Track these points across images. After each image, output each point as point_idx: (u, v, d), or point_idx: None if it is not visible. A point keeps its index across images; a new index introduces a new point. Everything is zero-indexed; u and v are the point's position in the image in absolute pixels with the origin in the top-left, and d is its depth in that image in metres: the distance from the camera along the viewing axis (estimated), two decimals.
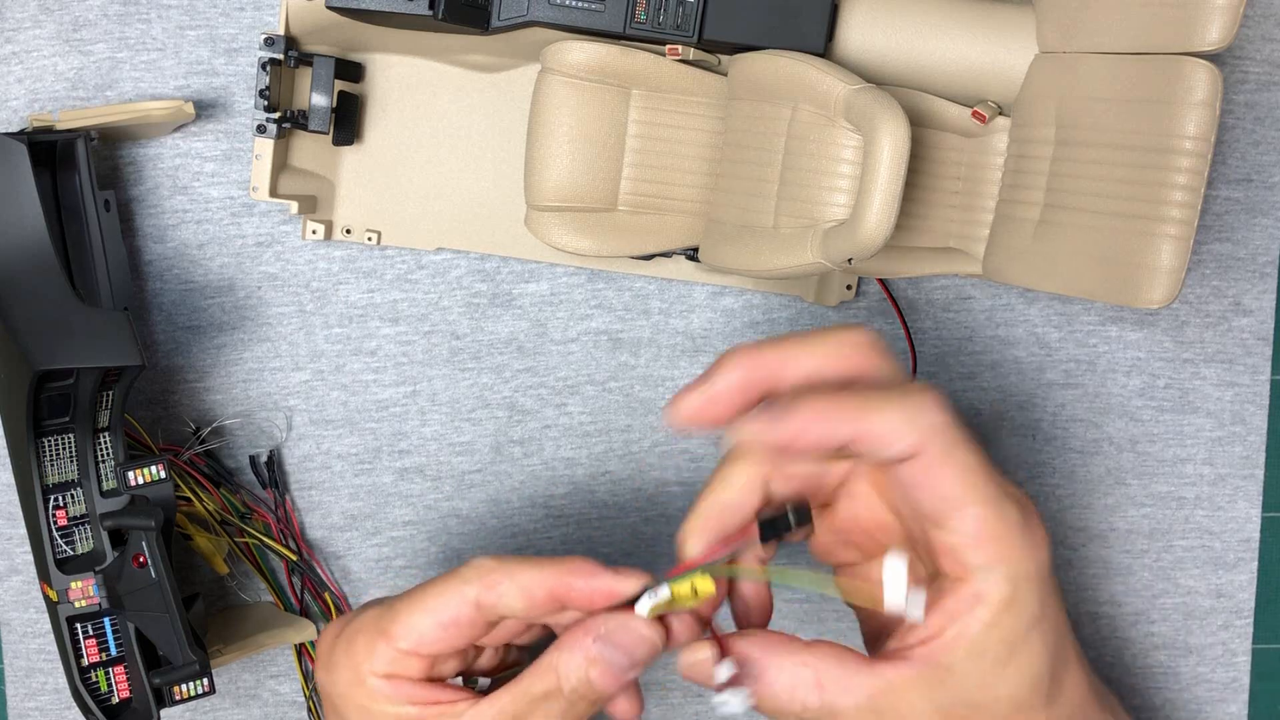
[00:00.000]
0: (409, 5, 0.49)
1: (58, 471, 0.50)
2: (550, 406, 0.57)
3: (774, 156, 0.49)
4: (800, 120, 0.48)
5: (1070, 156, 0.48)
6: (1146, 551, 0.57)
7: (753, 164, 0.50)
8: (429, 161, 0.55)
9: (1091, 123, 0.48)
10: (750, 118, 0.50)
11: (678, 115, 0.52)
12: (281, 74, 0.52)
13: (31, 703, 0.58)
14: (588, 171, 0.51)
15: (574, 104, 0.51)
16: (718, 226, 0.51)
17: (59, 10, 0.55)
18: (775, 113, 0.49)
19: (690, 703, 0.58)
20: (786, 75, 0.48)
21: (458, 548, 0.57)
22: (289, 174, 0.54)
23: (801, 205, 0.48)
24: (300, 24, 0.51)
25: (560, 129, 0.51)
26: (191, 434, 0.55)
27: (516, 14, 0.50)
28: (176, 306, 0.56)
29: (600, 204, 0.52)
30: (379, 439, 0.57)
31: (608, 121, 0.51)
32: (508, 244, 0.55)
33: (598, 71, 0.51)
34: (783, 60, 0.49)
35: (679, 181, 0.52)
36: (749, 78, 0.50)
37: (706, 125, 0.52)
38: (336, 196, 0.55)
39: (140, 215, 0.56)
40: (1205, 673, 0.58)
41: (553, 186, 0.52)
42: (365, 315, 0.56)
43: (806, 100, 0.48)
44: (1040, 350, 0.57)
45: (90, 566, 0.50)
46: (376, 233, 0.55)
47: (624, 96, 0.51)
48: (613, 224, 0.52)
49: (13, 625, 0.57)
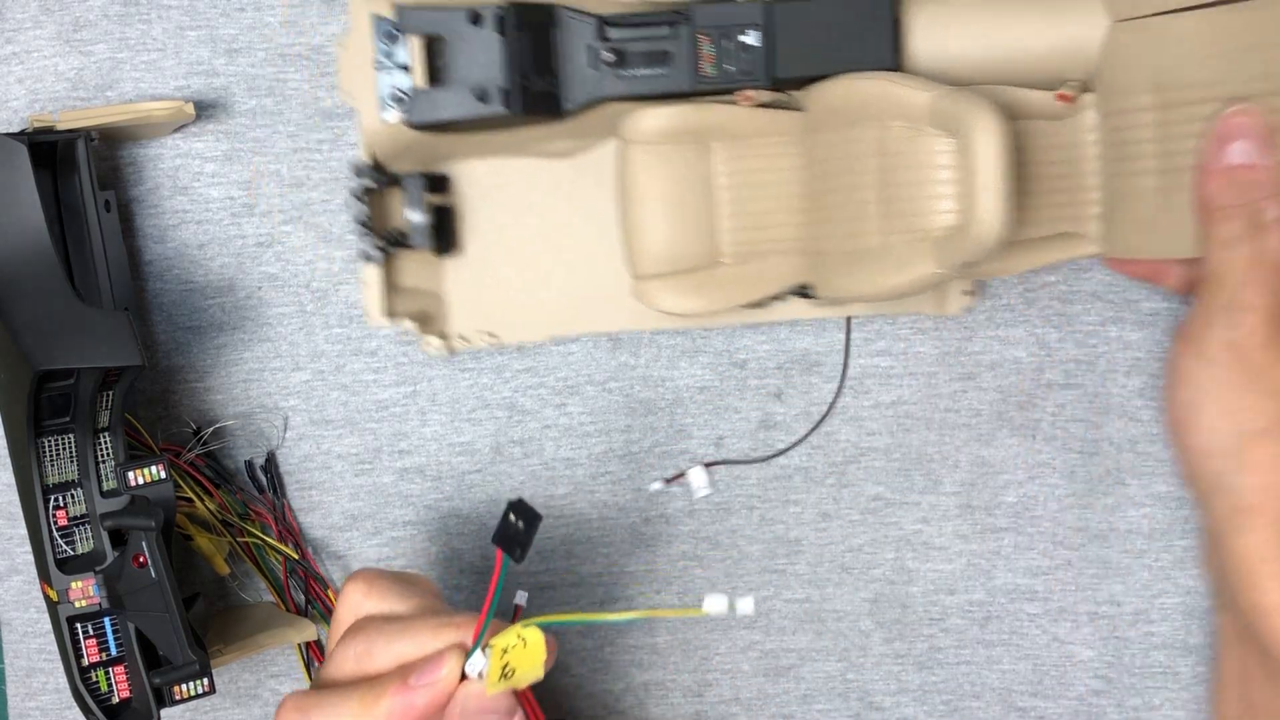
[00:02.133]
0: (485, 108, 0.49)
1: (58, 471, 0.50)
2: (550, 406, 0.57)
3: (869, 178, 0.48)
4: (889, 137, 0.47)
5: (1181, 118, 0.48)
6: (1146, 551, 0.57)
7: (849, 189, 0.49)
8: (529, 254, 0.55)
9: (1201, 79, 0.47)
10: (836, 144, 0.49)
11: (763, 158, 0.51)
12: (372, 199, 0.52)
13: (32, 702, 0.58)
14: (685, 232, 0.51)
15: (658, 169, 0.51)
16: (826, 258, 0.51)
17: (59, 11, 0.55)
18: (861, 135, 0.48)
19: (690, 702, 0.58)
20: (865, 96, 0.48)
21: (458, 548, 0.57)
22: (395, 294, 0.53)
23: (908, 220, 0.47)
24: (380, 147, 0.51)
25: (650, 197, 0.51)
26: (192, 434, 0.56)
27: (585, 94, 0.50)
28: (177, 307, 0.56)
29: (704, 261, 0.52)
30: (379, 439, 0.57)
31: (695, 179, 0.51)
32: (621, 318, 0.55)
33: (675, 133, 0.51)
34: (858, 82, 0.48)
35: (777, 222, 0.52)
36: (828, 106, 0.49)
37: (793, 161, 0.51)
38: (446, 306, 0.55)
39: (140, 215, 0.56)
40: (1205, 673, 0.58)
41: (654, 254, 0.52)
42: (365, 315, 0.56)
43: (891, 116, 0.47)
44: (1040, 350, 0.57)
45: (90, 566, 0.50)
46: (493, 335, 0.55)
47: (705, 151, 0.51)
48: (720, 278, 0.52)
49: (13, 625, 0.57)
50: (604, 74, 0.50)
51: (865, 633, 0.58)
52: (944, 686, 0.58)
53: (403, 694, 0.39)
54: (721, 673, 0.58)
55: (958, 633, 0.57)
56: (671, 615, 0.57)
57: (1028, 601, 0.57)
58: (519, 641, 0.40)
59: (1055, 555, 0.57)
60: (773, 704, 0.58)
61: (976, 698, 0.58)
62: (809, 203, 0.51)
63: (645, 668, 0.58)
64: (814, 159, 0.51)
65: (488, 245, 0.55)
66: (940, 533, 0.57)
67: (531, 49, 0.49)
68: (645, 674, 0.58)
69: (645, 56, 0.50)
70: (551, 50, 0.50)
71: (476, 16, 0.49)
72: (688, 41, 0.49)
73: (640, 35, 0.50)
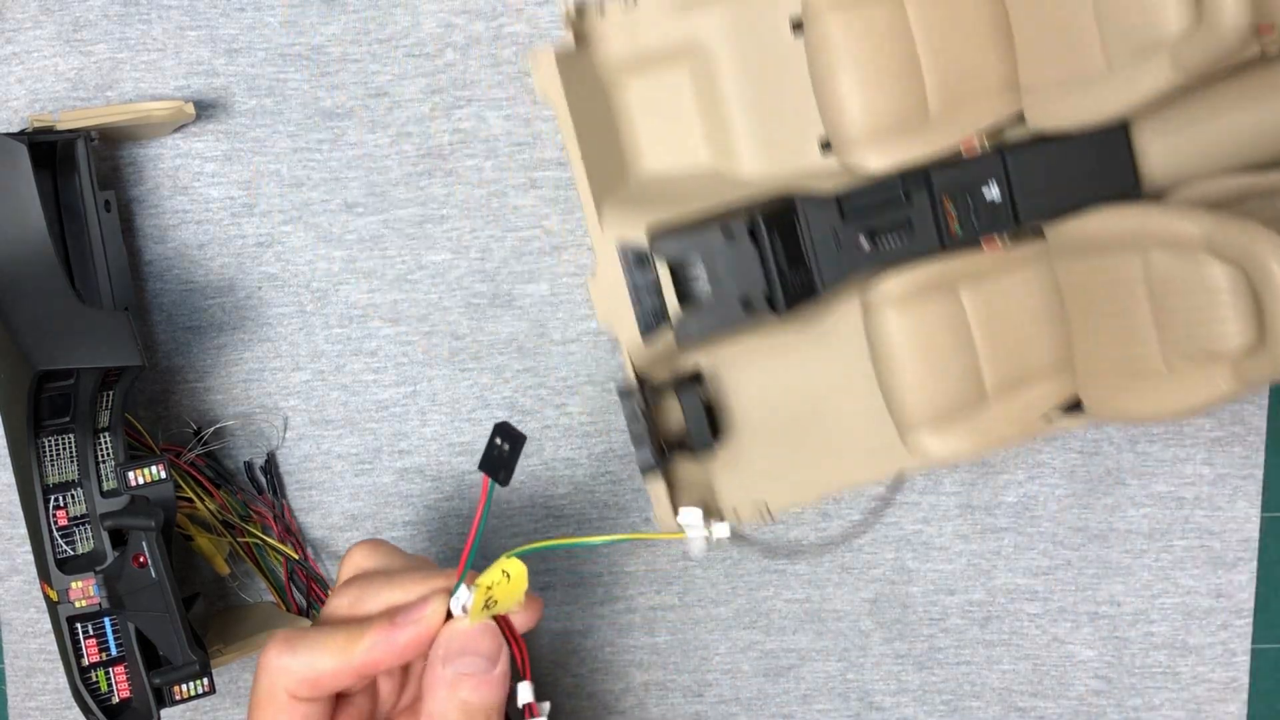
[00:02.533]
0: (753, 315, 0.50)
1: (58, 471, 0.50)
2: (550, 406, 0.57)
3: (1138, 305, 0.48)
4: (1156, 266, 0.48)
5: None
6: (1146, 551, 0.57)
7: (1114, 315, 0.49)
8: (786, 425, 0.55)
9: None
10: (1092, 273, 0.50)
11: (1011, 295, 0.52)
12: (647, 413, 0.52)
13: (32, 702, 0.58)
14: (946, 380, 0.52)
15: (911, 327, 0.51)
16: (1099, 379, 0.51)
17: (59, 11, 0.55)
18: (1121, 263, 0.49)
19: (690, 703, 0.58)
20: (1122, 230, 0.48)
21: (458, 547, 0.57)
22: (674, 492, 0.54)
23: (1190, 343, 0.47)
24: (642, 363, 0.52)
25: (907, 355, 0.51)
26: (193, 434, 0.56)
27: (837, 274, 0.51)
28: (177, 307, 0.56)
29: (970, 400, 0.52)
30: (379, 439, 0.57)
31: (948, 328, 0.52)
32: (887, 465, 0.55)
33: (922, 290, 0.51)
34: (1111, 218, 0.49)
35: (1035, 349, 0.52)
36: (1079, 241, 0.50)
37: (1040, 286, 0.52)
38: (716, 488, 0.55)
39: (140, 215, 0.56)
40: (1205, 672, 0.58)
41: (921, 407, 0.52)
42: (365, 315, 0.56)
43: (1154, 247, 0.47)
44: None
45: (90, 566, 0.50)
46: (765, 506, 0.55)
47: (954, 298, 0.52)
48: (990, 415, 0.52)
49: (13, 625, 0.57)
50: (851, 251, 0.51)
51: (865, 633, 0.58)
52: (944, 686, 0.58)
53: (386, 631, 0.40)
54: (721, 673, 0.58)
55: (958, 633, 0.57)
56: (650, 538, 0.57)
57: (1028, 601, 0.57)
58: (503, 577, 0.40)
59: (1055, 555, 0.57)
60: (773, 704, 0.58)
61: (976, 698, 0.58)
62: (1064, 320, 0.52)
63: (645, 668, 0.58)
64: (1067, 283, 0.51)
65: (747, 423, 0.55)
66: (940, 533, 0.57)
67: (783, 247, 0.50)
68: (645, 674, 0.58)
69: (888, 227, 0.50)
70: (799, 240, 0.51)
71: (729, 231, 0.50)
72: (928, 206, 0.50)
73: (879, 208, 0.51)
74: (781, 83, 0.52)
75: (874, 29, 0.49)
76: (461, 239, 0.56)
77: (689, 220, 0.51)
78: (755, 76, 0.53)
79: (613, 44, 0.53)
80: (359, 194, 0.56)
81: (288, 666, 0.39)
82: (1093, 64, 0.47)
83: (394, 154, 0.55)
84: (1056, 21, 0.48)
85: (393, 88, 0.55)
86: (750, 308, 0.50)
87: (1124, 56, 0.46)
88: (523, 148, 0.55)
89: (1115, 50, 0.46)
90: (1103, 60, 0.47)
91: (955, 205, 0.50)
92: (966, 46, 0.50)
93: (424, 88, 0.55)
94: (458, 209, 0.56)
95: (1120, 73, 0.46)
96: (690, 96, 0.54)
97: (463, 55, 0.55)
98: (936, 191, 0.50)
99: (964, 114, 0.50)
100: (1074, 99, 0.48)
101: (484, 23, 0.55)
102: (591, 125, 0.52)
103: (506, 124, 0.55)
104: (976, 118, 0.50)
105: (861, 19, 0.49)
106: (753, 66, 0.52)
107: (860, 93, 0.49)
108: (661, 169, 0.54)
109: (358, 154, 0.55)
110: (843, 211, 0.51)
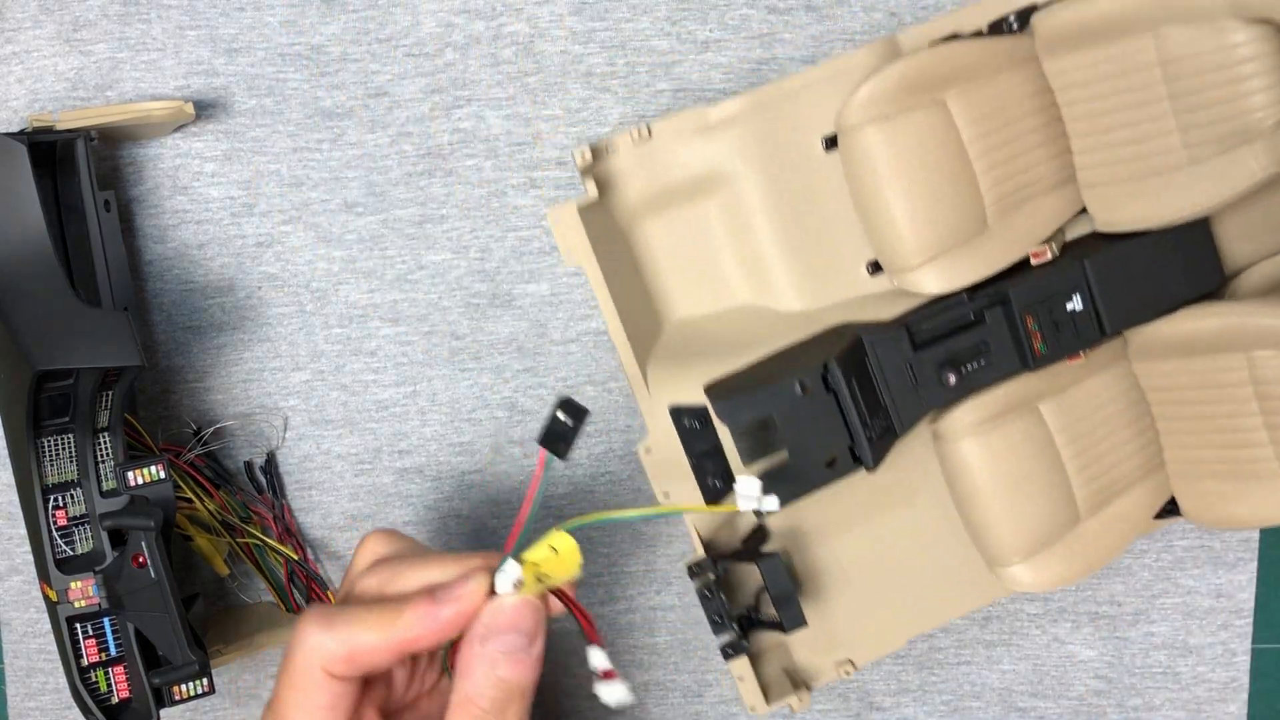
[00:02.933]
0: (840, 474, 0.46)
1: (57, 471, 0.50)
2: (550, 406, 0.57)
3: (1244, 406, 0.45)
4: (1263, 366, 0.44)
5: None
6: (1146, 551, 0.57)
7: (1216, 417, 0.46)
8: (870, 576, 0.52)
9: None
10: (1185, 374, 0.47)
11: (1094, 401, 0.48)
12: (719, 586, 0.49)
13: (32, 703, 0.58)
14: (1036, 505, 0.48)
15: (992, 455, 0.47)
16: (1201, 484, 0.48)
17: (59, 10, 0.55)
18: (1220, 364, 0.45)
19: (690, 702, 0.58)
20: (1218, 331, 0.45)
21: (458, 548, 0.57)
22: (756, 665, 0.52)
23: (1217, 126, 0.42)
24: (708, 533, 0.50)
25: (990, 485, 0.48)
26: (192, 435, 0.56)
27: (917, 414, 0.47)
28: (176, 307, 0.56)
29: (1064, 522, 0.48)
30: (379, 439, 0.57)
31: (1032, 449, 0.47)
32: (984, 596, 0.52)
33: (1000, 413, 0.47)
34: (1204, 319, 0.45)
35: (1125, 454, 0.49)
36: (1167, 343, 0.46)
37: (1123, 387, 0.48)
38: (793, 650, 0.53)
39: (140, 215, 0.56)
40: (1205, 672, 0.58)
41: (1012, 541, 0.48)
42: (365, 315, 0.56)
43: (1258, 346, 0.44)
44: None
45: (90, 566, 0.50)
46: (850, 662, 0.52)
47: (1034, 415, 0.47)
48: (1085, 533, 0.48)
49: (13, 625, 0.57)
50: (930, 387, 0.46)
51: None
52: (944, 686, 0.58)
53: (429, 606, 0.39)
54: (721, 673, 0.58)
55: (958, 633, 0.57)
56: (697, 511, 0.50)
57: (1028, 602, 0.57)
58: (550, 553, 0.39)
59: None
60: None
61: (976, 698, 0.58)
62: (1154, 426, 0.49)
63: (645, 668, 0.58)
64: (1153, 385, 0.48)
65: (828, 581, 0.52)
66: None
67: (860, 393, 0.45)
68: (645, 674, 0.58)
69: (967, 354, 0.46)
70: (873, 383, 0.46)
71: (803, 385, 0.45)
72: (1005, 325, 0.45)
73: (952, 333, 0.46)
74: (817, 204, 0.48)
75: (918, 139, 0.44)
76: (461, 239, 0.56)
77: (750, 376, 0.46)
78: (787, 200, 0.48)
79: (632, 183, 0.49)
80: (359, 194, 0.56)
81: (324, 643, 0.38)
82: (1171, 159, 0.43)
83: (394, 154, 0.55)
84: (1123, 118, 0.44)
85: (393, 88, 0.55)
86: (837, 465, 0.45)
87: (1209, 149, 0.42)
88: (523, 147, 0.55)
89: (1198, 143, 0.42)
90: (1184, 155, 0.43)
91: (1039, 322, 0.45)
92: (1019, 146, 0.46)
93: (424, 88, 0.55)
94: (458, 209, 0.56)
95: (1206, 165, 0.42)
96: (720, 230, 0.49)
97: (463, 55, 0.55)
98: (1017, 308, 0.45)
99: (1025, 220, 0.46)
100: (1153, 197, 0.44)
101: (484, 23, 0.55)
102: (622, 277, 0.48)
103: (506, 124, 0.55)
104: (1039, 223, 0.46)
105: (904, 129, 0.44)
106: (784, 190, 0.48)
107: (911, 211, 0.45)
108: (700, 312, 0.50)
109: (358, 154, 0.55)
110: (914, 341, 0.46)
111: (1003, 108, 0.45)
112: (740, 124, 0.48)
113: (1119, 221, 0.45)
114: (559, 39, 0.55)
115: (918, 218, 0.45)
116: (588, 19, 0.55)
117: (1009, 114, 0.45)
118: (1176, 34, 0.41)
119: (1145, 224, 0.45)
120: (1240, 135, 0.41)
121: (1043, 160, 0.46)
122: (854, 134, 0.45)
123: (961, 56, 0.45)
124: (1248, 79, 0.40)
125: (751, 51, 0.55)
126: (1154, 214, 0.44)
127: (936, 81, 0.45)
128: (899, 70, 0.44)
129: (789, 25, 0.54)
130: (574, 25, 0.55)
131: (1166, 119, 0.43)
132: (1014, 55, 0.45)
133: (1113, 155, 0.45)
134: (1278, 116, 0.40)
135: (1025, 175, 0.46)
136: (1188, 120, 0.42)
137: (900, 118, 0.45)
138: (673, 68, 0.55)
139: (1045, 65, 0.45)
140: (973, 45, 0.45)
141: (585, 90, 0.55)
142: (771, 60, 0.54)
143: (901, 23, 0.54)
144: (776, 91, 0.48)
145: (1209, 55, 0.40)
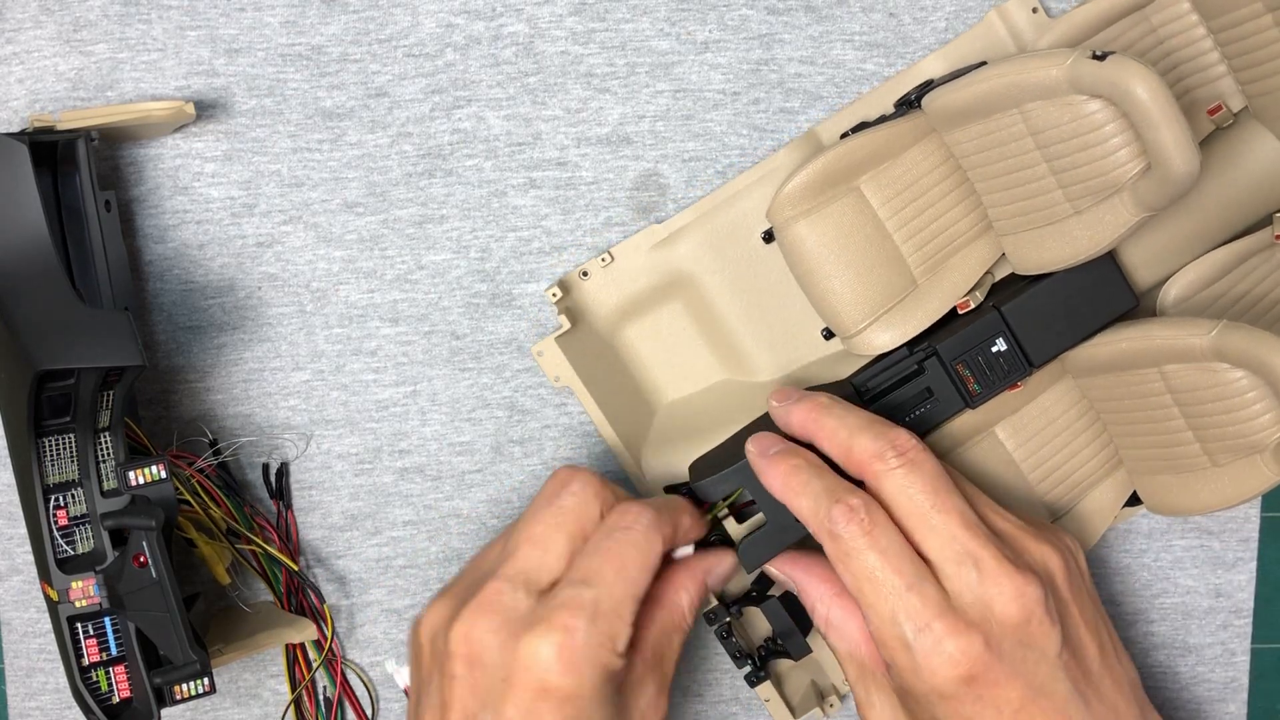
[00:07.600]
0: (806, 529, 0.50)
1: (58, 471, 0.50)
2: (550, 406, 0.57)
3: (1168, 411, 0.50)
4: (1174, 377, 0.49)
5: None
6: (1146, 551, 0.57)
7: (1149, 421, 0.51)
8: None
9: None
10: (1116, 386, 0.51)
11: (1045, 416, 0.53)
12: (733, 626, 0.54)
13: (32, 702, 0.58)
14: None
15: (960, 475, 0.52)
16: (1152, 479, 0.52)
17: (59, 10, 0.55)
18: (1141, 378, 0.50)
19: (690, 702, 0.58)
20: (1132, 351, 0.49)
21: (458, 547, 0.57)
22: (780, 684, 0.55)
23: (1229, 439, 0.48)
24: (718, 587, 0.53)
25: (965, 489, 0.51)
26: (209, 444, 0.55)
27: None
28: (177, 307, 0.56)
29: None
30: (379, 439, 0.57)
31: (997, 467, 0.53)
32: None
33: (956, 444, 0.53)
34: (1118, 341, 0.50)
35: (1083, 459, 0.53)
36: (1094, 364, 0.51)
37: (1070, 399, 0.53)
38: (821, 662, 0.56)
39: (140, 215, 0.56)
40: (1204, 672, 0.58)
41: None
42: (365, 315, 0.56)
43: (1167, 361, 0.48)
44: None
45: (91, 566, 0.50)
46: None
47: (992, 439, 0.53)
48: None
49: (13, 625, 0.57)
50: None
51: None
52: None
53: None
54: (721, 672, 0.58)
55: None
56: None
57: None
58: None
59: None
60: None
61: None
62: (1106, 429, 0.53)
63: None
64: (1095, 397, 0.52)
65: None
66: None
67: (819, 453, 0.49)
68: None
69: (913, 402, 0.51)
70: None
71: None
72: (944, 373, 0.51)
73: (898, 384, 0.52)
74: (768, 288, 0.55)
75: (839, 226, 0.51)
76: (461, 239, 0.56)
77: (725, 450, 0.52)
78: (742, 288, 0.55)
79: (605, 299, 0.55)
80: (359, 194, 0.56)
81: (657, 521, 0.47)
82: (1059, 210, 0.48)
83: (394, 154, 0.55)
84: (1013, 179, 0.49)
85: (393, 88, 0.55)
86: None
87: (1087, 200, 0.47)
88: (523, 148, 0.55)
89: (1078, 197, 0.47)
90: (1069, 207, 0.47)
91: (969, 367, 0.51)
92: (934, 211, 0.51)
93: (424, 88, 0.55)
94: (457, 209, 0.56)
95: (1088, 215, 0.47)
96: (689, 322, 0.56)
97: (463, 55, 0.55)
98: (949, 360, 0.51)
99: (953, 271, 0.52)
100: (1053, 243, 0.49)
101: (484, 23, 0.55)
102: (608, 384, 0.55)
103: (506, 124, 0.55)
104: (968, 270, 0.52)
105: (825, 219, 0.51)
106: (737, 280, 0.55)
107: (844, 285, 0.51)
108: (683, 396, 0.56)
109: (358, 154, 0.55)
110: (861, 396, 0.52)
111: (914, 180, 0.51)
112: (689, 232, 0.55)
113: (1031, 266, 0.50)
114: (559, 39, 0.55)
115: (851, 290, 0.51)
116: (588, 19, 0.55)
117: (920, 185, 0.51)
118: (1037, 110, 0.46)
119: (1054, 266, 0.49)
120: (1110, 188, 0.46)
121: (960, 217, 0.51)
122: (784, 230, 0.52)
123: (867, 146, 0.51)
124: (1106, 140, 0.45)
125: (751, 52, 0.55)
126: (1058, 258, 0.49)
127: (848, 171, 0.51)
128: (812, 169, 0.50)
129: (789, 26, 0.54)
130: (574, 25, 0.55)
131: (1047, 179, 0.47)
132: (916, 131, 0.51)
133: (1013, 209, 0.50)
134: (1138, 168, 0.45)
135: (946, 233, 0.51)
136: (1066, 179, 0.47)
137: (820, 210, 0.51)
138: (672, 68, 0.55)
139: (943, 137, 0.51)
140: (877, 133, 0.51)
141: (585, 90, 0.55)
142: (771, 61, 0.55)
143: (900, 23, 0.54)
144: (715, 199, 0.54)
145: (1068, 125, 0.45)
